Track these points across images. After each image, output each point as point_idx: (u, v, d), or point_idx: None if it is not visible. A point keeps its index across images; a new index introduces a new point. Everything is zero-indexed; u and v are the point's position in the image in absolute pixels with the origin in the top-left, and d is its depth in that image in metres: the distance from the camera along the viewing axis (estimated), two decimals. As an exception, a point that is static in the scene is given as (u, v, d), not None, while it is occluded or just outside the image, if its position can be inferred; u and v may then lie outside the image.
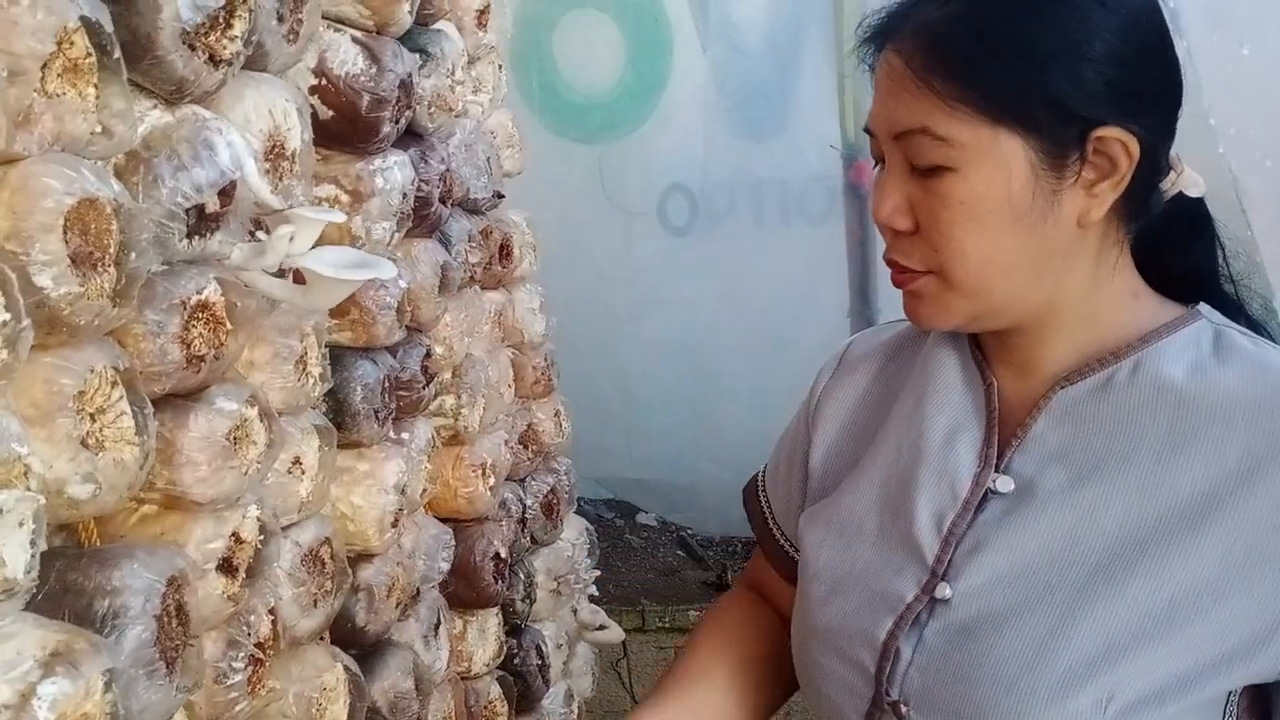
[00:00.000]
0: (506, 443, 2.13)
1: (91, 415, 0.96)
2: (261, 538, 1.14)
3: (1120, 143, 0.82)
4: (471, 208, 2.01)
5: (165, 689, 0.96)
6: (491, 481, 1.98)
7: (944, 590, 0.87)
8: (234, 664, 1.08)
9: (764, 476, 1.14)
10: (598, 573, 2.38)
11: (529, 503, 2.24)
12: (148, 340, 1.02)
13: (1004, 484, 0.88)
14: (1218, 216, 0.93)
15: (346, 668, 1.30)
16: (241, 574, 1.10)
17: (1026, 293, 0.86)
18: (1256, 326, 0.92)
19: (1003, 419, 0.91)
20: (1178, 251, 0.91)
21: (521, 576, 2.14)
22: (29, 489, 0.85)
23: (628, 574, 3.29)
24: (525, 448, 2.26)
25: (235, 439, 1.09)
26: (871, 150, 0.91)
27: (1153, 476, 0.83)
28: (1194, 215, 0.92)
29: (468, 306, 1.97)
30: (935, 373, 0.95)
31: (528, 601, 2.15)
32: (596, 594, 2.43)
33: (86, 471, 0.93)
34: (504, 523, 2.08)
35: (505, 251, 2.21)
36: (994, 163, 0.82)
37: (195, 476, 1.04)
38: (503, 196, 2.13)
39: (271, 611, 1.15)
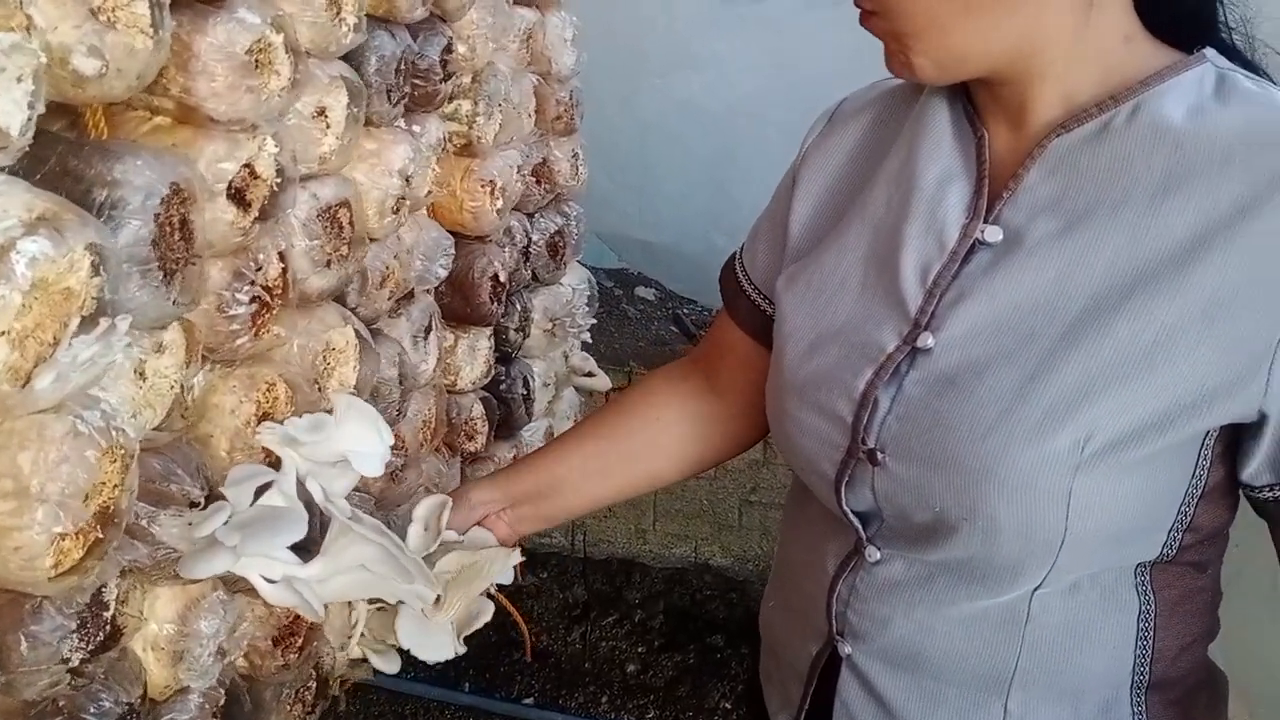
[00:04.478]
0: (519, 170, 2.06)
1: (103, -8, 0.88)
2: (278, 180, 1.08)
3: None
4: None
5: (159, 295, 0.92)
6: (499, 203, 1.92)
7: (926, 340, 0.84)
8: (238, 295, 1.04)
9: (742, 250, 1.10)
10: (594, 321, 2.36)
11: (535, 238, 2.19)
12: (167, -75, 0.93)
13: (992, 234, 0.84)
14: None
15: (358, 333, 1.27)
16: (254, 210, 1.05)
17: (992, 33, 0.80)
18: (1260, 73, 0.86)
19: (995, 172, 0.86)
20: None
21: (518, 307, 2.11)
22: (29, 45, 0.79)
23: (620, 340, 3.27)
24: (539, 183, 2.19)
25: (257, 61, 1.02)
26: None
27: (1144, 220, 0.78)
28: None
29: (496, 13, 1.86)
30: (927, 127, 0.91)
31: (521, 334, 2.13)
32: (590, 342, 2.42)
33: (93, 45, 0.86)
34: (507, 249, 2.04)
35: (540, -39, 2.08)
36: None
37: (210, 89, 0.98)
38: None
39: (282, 257, 1.11)
